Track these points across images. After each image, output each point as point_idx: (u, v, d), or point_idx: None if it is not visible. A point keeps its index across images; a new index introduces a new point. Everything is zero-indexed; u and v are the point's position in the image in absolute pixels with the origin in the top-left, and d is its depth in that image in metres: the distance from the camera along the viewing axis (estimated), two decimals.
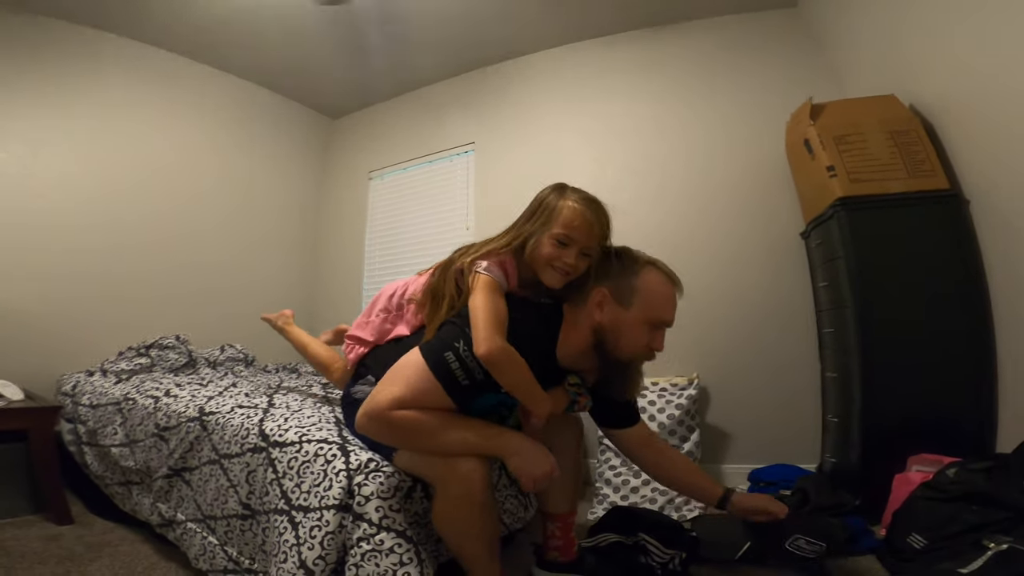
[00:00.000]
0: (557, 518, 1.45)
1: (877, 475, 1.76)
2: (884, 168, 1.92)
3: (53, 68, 2.76)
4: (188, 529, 1.54)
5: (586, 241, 1.23)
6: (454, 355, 1.11)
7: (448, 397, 1.11)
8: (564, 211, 1.24)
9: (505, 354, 1.10)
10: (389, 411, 1.09)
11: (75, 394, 2.24)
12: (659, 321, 1.20)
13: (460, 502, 1.11)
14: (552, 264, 1.23)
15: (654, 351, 1.22)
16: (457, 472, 1.10)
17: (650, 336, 1.20)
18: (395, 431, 1.11)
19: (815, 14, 2.66)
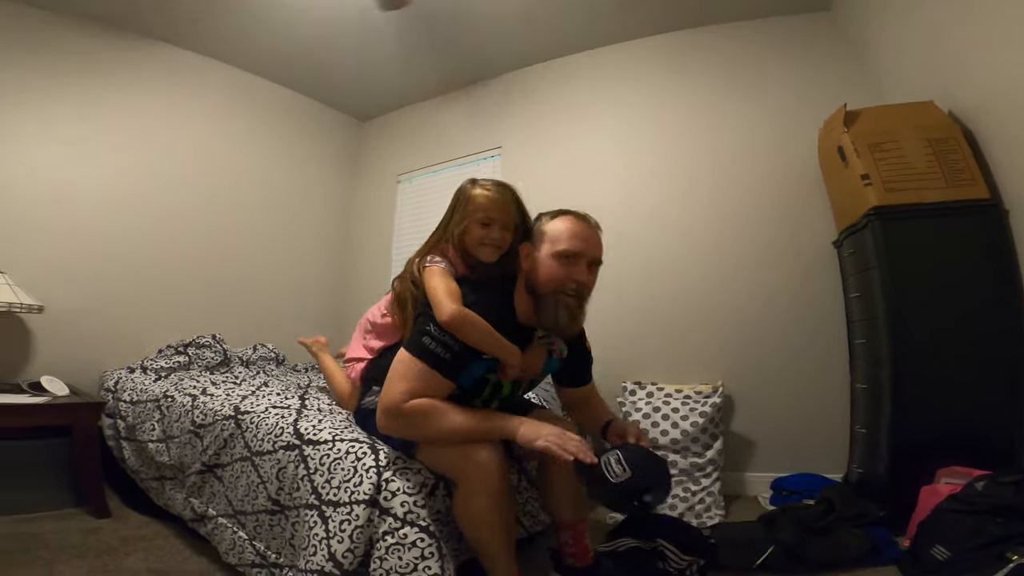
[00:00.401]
0: (567, 526, 1.47)
1: (904, 487, 1.73)
2: (921, 177, 1.88)
3: (96, 74, 2.88)
4: (219, 524, 1.59)
5: (503, 217, 1.44)
6: (429, 337, 1.23)
7: (439, 374, 1.22)
8: (479, 198, 1.45)
9: (462, 316, 1.23)
10: (401, 403, 1.20)
11: (117, 390, 2.33)
12: (563, 251, 1.29)
13: (479, 494, 1.17)
14: (483, 242, 1.43)
15: (578, 283, 1.29)
16: (475, 461, 1.16)
17: (566, 269, 1.29)
18: (411, 420, 1.21)
19: (849, 17, 2.61)
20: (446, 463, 1.23)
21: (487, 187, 1.47)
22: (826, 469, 2.33)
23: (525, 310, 1.34)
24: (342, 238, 4.08)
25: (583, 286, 1.30)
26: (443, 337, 1.23)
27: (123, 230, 2.90)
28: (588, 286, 1.32)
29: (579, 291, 1.30)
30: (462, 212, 1.46)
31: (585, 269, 1.31)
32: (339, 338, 3.45)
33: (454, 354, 1.23)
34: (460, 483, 1.21)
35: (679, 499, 2.22)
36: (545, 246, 1.32)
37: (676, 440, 2.33)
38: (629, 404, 2.52)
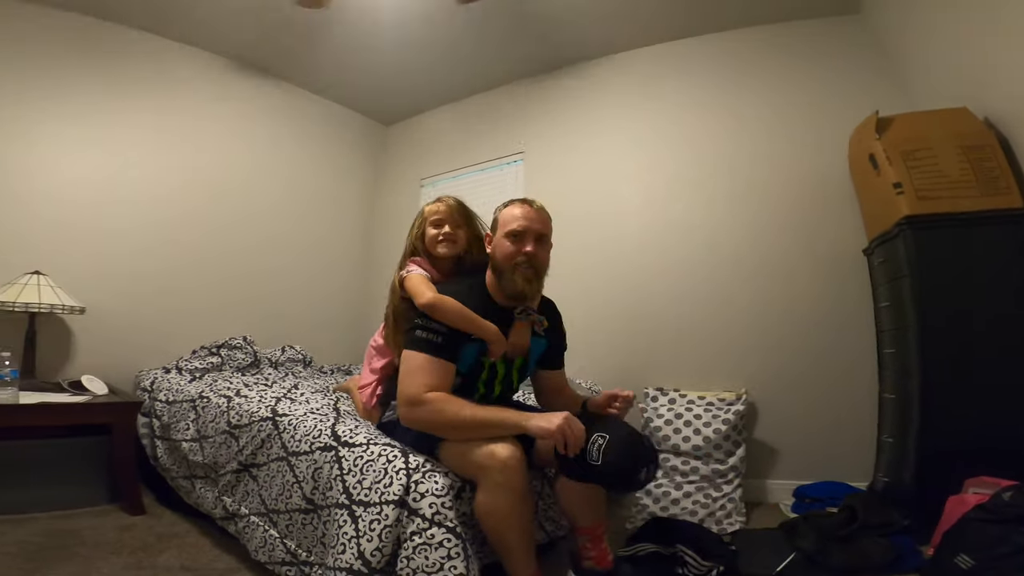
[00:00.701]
0: (585, 531, 1.49)
1: (931, 496, 1.71)
2: (955, 185, 1.84)
3: (138, 80, 2.98)
4: (251, 522, 1.62)
5: (451, 217, 1.68)
6: (419, 329, 1.41)
7: (440, 358, 1.38)
8: (429, 208, 1.72)
9: (438, 299, 1.43)
10: (419, 394, 1.33)
11: (153, 390, 2.39)
12: (511, 231, 1.49)
13: (501, 491, 1.22)
14: (438, 240, 1.66)
15: (526, 254, 1.48)
16: (497, 458, 1.22)
17: (516, 245, 1.48)
18: (430, 410, 1.32)
19: (879, 21, 2.56)
20: (468, 462, 1.28)
21: (435, 199, 1.76)
22: (850, 477, 2.31)
23: (499, 293, 1.52)
24: (366, 241, 4.14)
25: (532, 256, 1.48)
26: (430, 324, 1.40)
27: (156, 233, 2.99)
28: (537, 256, 1.50)
29: (530, 261, 1.48)
30: (418, 223, 1.72)
31: (532, 243, 1.49)
32: (361, 340, 3.53)
33: (444, 336, 1.39)
34: (482, 481, 1.25)
35: (699, 505, 2.21)
36: (499, 230, 1.53)
37: (698, 447, 2.33)
38: (651, 410, 2.52)
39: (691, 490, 2.27)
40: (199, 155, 3.21)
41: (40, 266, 2.44)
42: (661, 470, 2.35)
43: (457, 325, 1.41)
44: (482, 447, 1.25)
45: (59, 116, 2.69)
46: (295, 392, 2.09)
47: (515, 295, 1.49)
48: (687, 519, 2.15)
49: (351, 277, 3.99)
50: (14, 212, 2.53)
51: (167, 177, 3.05)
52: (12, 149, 2.54)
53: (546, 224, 1.56)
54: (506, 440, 1.26)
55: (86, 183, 2.76)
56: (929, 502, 1.70)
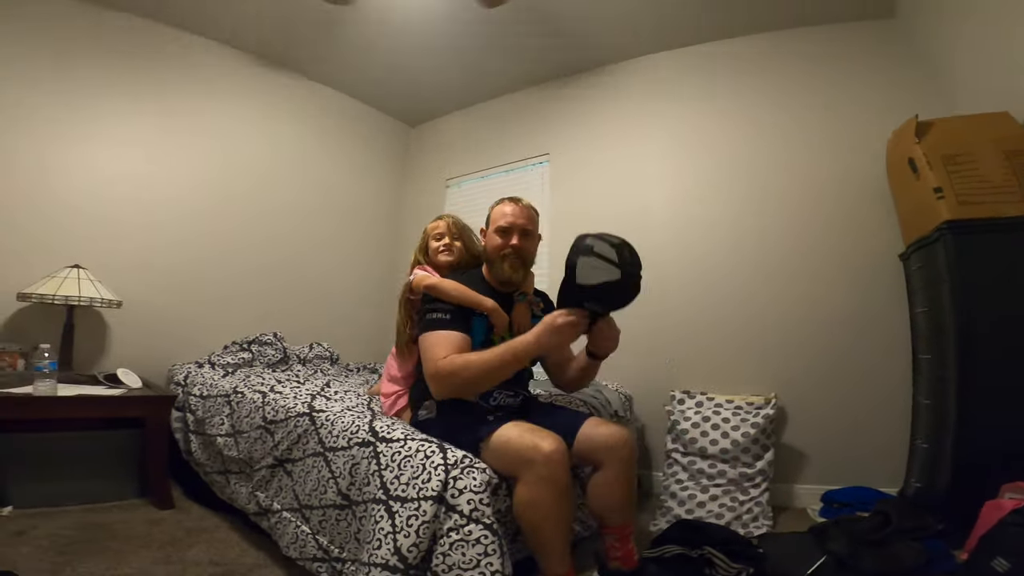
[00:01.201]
0: (613, 530, 1.50)
1: (965, 502, 1.68)
2: (997, 191, 1.81)
3: (175, 79, 3.03)
4: (283, 518, 1.64)
5: (449, 232, 1.92)
6: (429, 312, 1.59)
7: (451, 331, 1.53)
8: (428, 227, 1.98)
9: (439, 280, 1.66)
10: (443, 362, 1.46)
11: (187, 384, 2.43)
12: (499, 227, 1.70)
13: (544, 484, 1.24)
14: (439, 251, 1.90)
15: (512, 247, 1.68)
16: (541, 452, 1.25)
17: (504, 239, 1.69)
18: (453, 372, 1.44)
19: (915, 24, 2.52)
20: (511, 457, 1.30)
21: (438, 217, 2.01)
22: (879, 483, 2.28)
23: (494, 280, 1.72)
24: (392, 242, 4.17)
25: (517, 248, 1.68)
26: (437, 305, 1.58)
27: (190, 231, 3.04)
28: (522, 248, 1.69)
29: (516, 252, 1.68)
30: (423, 239, 1.97)
31: (518, 237, 1.68)
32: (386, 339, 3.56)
33: (451, 311, 1.56)
34: (524, 474, 1.27)
35: (726, 508, 2.20)
36: (491, 226, 1.74)
37: (726, 450, 2.31)
38: (678, 413, 2.51)
39: (718, 493, 2.26)
40: (231, 154, 3.26)
41: (80, 260, 2.49)
42: (687, 472, 2.35)
43: (459, 299, 1.59)
44: (525, 441, 1.28)
45: (97, 115, 2.75)
46: (328, 390, 2.11)
47: (504, 280, 1.70)
48: (713, 521, 2.14)
49: (377, 276, 4.02)
50: (55, 208, 2.58)
51: (199, 175, 3.10)
52: (53, 147, 2.60)
53: (531, 220, 1.75)
54: (549, 435, 1.29)
55: (124, 179, 2.81)
56: (963, 507, 1.67)
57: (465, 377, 1.44)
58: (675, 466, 2.41)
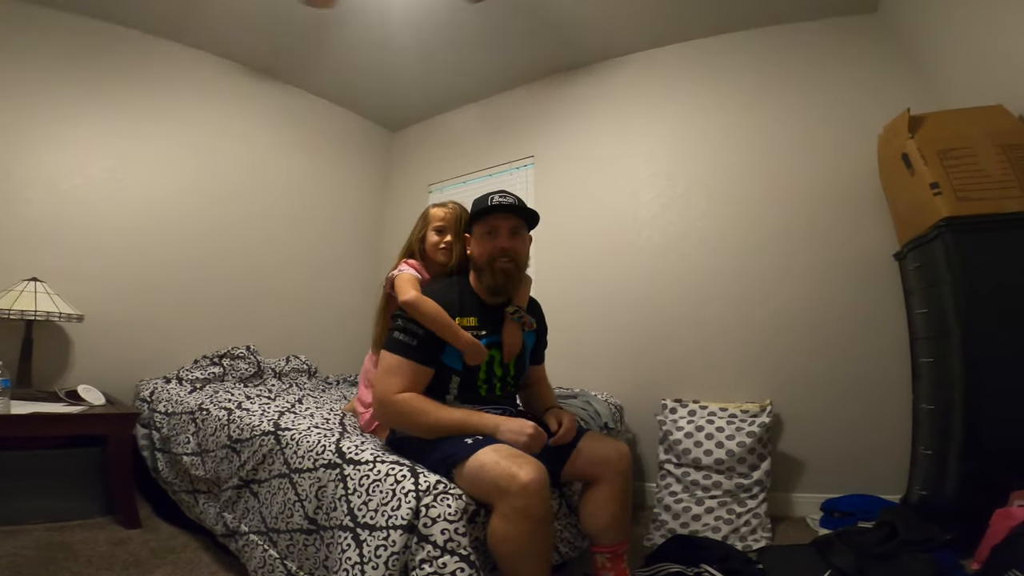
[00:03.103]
0: (606, 549, 1.42)
1: (973, 510, 1.62)
2: (996, 185, 1.74)
3: (138, 84, 2.92)
4: (250, 541, 1.55)
5: (455, 226, 1.72)
6: (398, 331, 1.43)
7: (414, 362, 1.39)
8: (436, 211, 1.78)
9: (419, 299, 1.45)
10: (389, 395, 1.36)
11: (152, 400, 2.33)
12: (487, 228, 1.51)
13: (519, 517, 1.12)
14: (439, 247, 1.72)
15: (503, 248, 1.48)
16: (518, 482, 1.11)
17: (492, 241, 1.49)
18: (400, 411, 1.36)
19: (898, 18, 2.48)
20: (486, 484, 1.17)
21: (443, 203, 1.80)
22: (880, 490, 2.22)
23: (484, 291, 1.53)
24: (372, 248, 4.07)
25: (507, 249, 1.48)
26: (408, 325, 1.42)
27: (160, 240, 2.92)
28: (514, 249, 1.50)
29: (506, 253, 1.48)
30: (421, 224, 1.78)
31: (507, 236, 1.49)
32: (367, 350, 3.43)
33: (419, 339, 1.40)
34: (499, 505, 1.14)
35: (722, 521, 2.12)
36: (476, 229, 1.54)
37: (720, 460, 2.23)
38: (669, 422, 2.42)
39: (713, 505, 2.17)
40: (202, 160, 3.15)
41: (38, 272, 2.39)
42: (681, 484, 2.28)
43: (432, 328, 1.42)
44: (501, 468, 1.14)
45: (58, 120, 2.63)
46: (299, 407, 2.01)
47: (495, 289, 1.51)
48: (709, 536, 2.07)
49: (357, 285, 3.92)
50: (12, 217, 2.46)
51: (169, 182, 2.99)
52: (10, 153, 2.48)
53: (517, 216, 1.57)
54: (529, 461, 1.16)
55: (88, 188, 2.70)
56: (971, 515, 1.62)
57: (413, 423, 1.35)
58: (668, 477, 2.32)
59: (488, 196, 1.54)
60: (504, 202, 1.50)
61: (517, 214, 1.51)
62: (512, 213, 1.50)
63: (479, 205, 1.53)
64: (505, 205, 1.49)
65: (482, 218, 1.51)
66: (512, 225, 1.51)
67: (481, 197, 1.56)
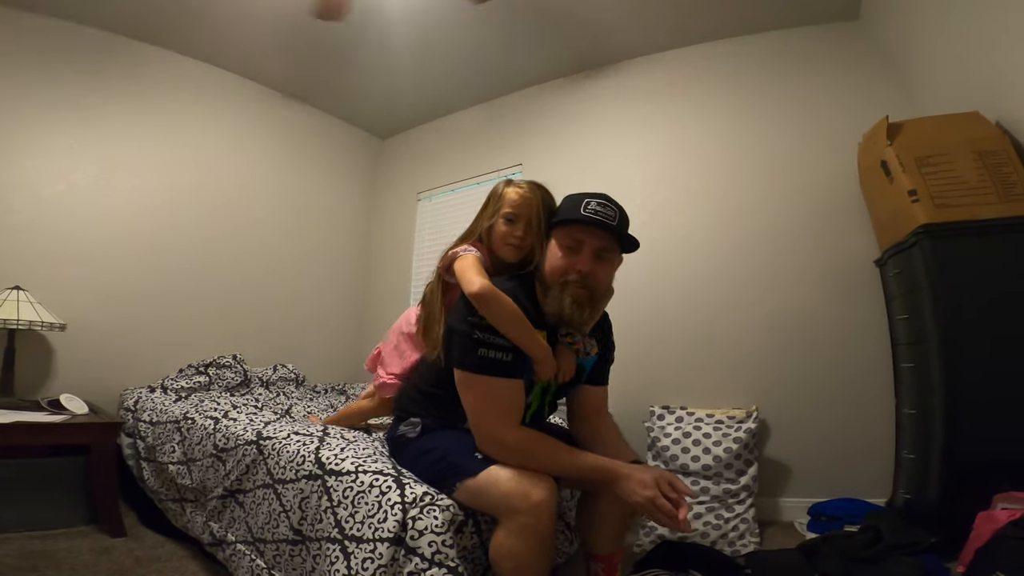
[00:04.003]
0: (601, 559, 1.39)
1: (957, 513, 1.64)
2: (972, 192, 1.77)
3: (123, 92, 2.90)
4: (237, 550, 1.53)
5: (528, 215, 1.38)
6: (484, 347, 1.18)
7: (513, 380, 1.19)
8: (509, 194, 1.42)
9: (493, 292, 1.18)
10: (505, 436, 1.17)
11: (136, 410, 2.30)
12: (567, 243, 1.26)
13: (527, 534, 1.09)
14: (507, 241, 1.39)
15: (579, 270, 1.24)
16: (531, 501, 1.08)
17: (569, 259, 1.25)
18: (516, 453, 1.16)
19: (880, 26, 2.52)
20: (495, 499, 1.13)
21: (519, 185, 1.45)
22: (866, 494, 2.23)
23: (549, 312, 1.29)
24: (362, 256, 4.06)
25: (588, 275, 1.24)
26: (494, 339, 1.18)
27: (146, 248, 2.90)
28: (594, 276, 1.26)
29: (584, 281, 1.25)
30: (492, 208, 1.44)
31: (589, 258, 1.25)
32: (358, 357, 3.42)
33: (513, 352, 1.18)
34: (507, 521, 1.11)
35: (711, 526, 2.13)
36: (554, 235, 1.30)
37: (708, 466, 2.24)
38: (657, 429, 2.43)
39: (701, 511, 2.18)
40: (188, 167, 3.13)
41: (21, 281, 2.37)
42: None
43: (506, 331, 1.18)
44: (515, 484, 1.10)
45: (39, 124, 2.62)
46: (287, 418, 1.99)
47: (558, 318, 1.26)
48: (698, 542, 2.07)
49: (347, 293, 3.91)
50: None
51: (154, 190, 2.97)
52: None
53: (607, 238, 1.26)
54: (543, 480, 1.12)
55: (69, 195, 2.68)
56: (955, 519, 1.63)
57: (536, 465, 1.15)
58: None
59: (583, 199, 1.27)
60: (598, 216, 1.23)
61: (610, 233, 1.25)
62: (604, 230, 1.24)
63: (569, 208, 1.28)
64: (597, 221, 1.23)
65: (566, 226, 1.26)
66: (601, 245, 1.26)
67: (575, 197, 1.29)
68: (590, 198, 1.27)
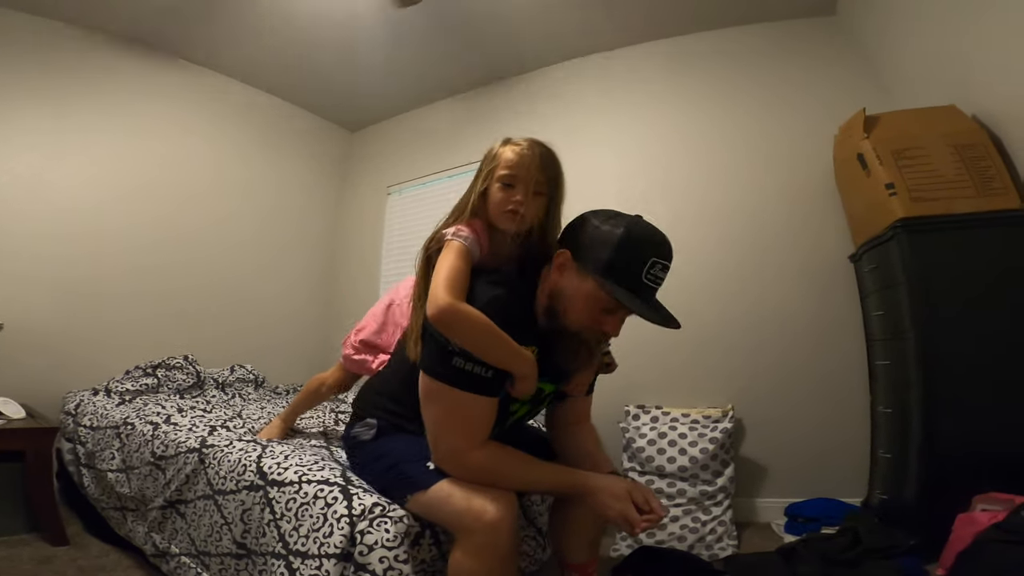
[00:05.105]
0: (576, 568, 1.33)
1: (935, 513, 1.60)
2: (950, 186, 1.75)
3: (71, 80, 2.73)
4: (182, 563, 1.44)
5: (529, 177, 1.17)
6: (460, 357, 1.04)
7: (488, 398, 1.08)
8: (505, 154, 1.21)
9: (454, 311, 1.02)
10: (469, 453, 1.07)
11: (77, 414, 2.17)
12: (605, 305, 1.10)
13: (484, 554, 1.01)
14: (502, 208, 1.18)
15: (608, 334, 1.16)
16: (484, 520, 1.00)
17: (601, 320, 1.12)
18: (478, 474, 1.07)
19: (856, 21, 2.51)
20: (448, 516, 1.05)
21: (517, 142, 1.23)
22: (843, 494, 2.20)
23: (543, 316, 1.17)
24: (329, 252, 3.92)
25: (613, 336, 1.18)
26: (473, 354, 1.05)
27: (91, 245, 2.73)
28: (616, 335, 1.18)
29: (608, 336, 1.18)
30: (486, 171, 1.22)
31: (620, 322, 1.15)
32: (325, 357, 3.28)
33: (495, 368, 1.05)
34: (462, 541, 1.03)
35: (688, 530, 2.08)
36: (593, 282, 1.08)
37: (684, 467, 2.18)
38: (632, 430, 2.36)
39: (679, 514, 2.13)
40: (142, 158, 2.96)
41: None
42: None
43: (480, 353, 1.04)
44: (467, 502, 1.02)
45: None
46: (234, 421, 1.87)
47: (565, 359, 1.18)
48: (675, 546, 2.03)
49: (313, 290, 3.76)
50: None
51: (102, 183, 2.80)
52: None
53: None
54: (501, 496, 1.04)
55: (9, 187, 2.50)
56: (934, 519, 1.60)
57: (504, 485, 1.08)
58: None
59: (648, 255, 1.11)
60: (657, 283, 1.15)
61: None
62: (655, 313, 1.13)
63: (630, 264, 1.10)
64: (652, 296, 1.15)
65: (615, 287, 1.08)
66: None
67: (637, 244, 1.11)
68: (656, 258, 1.11)
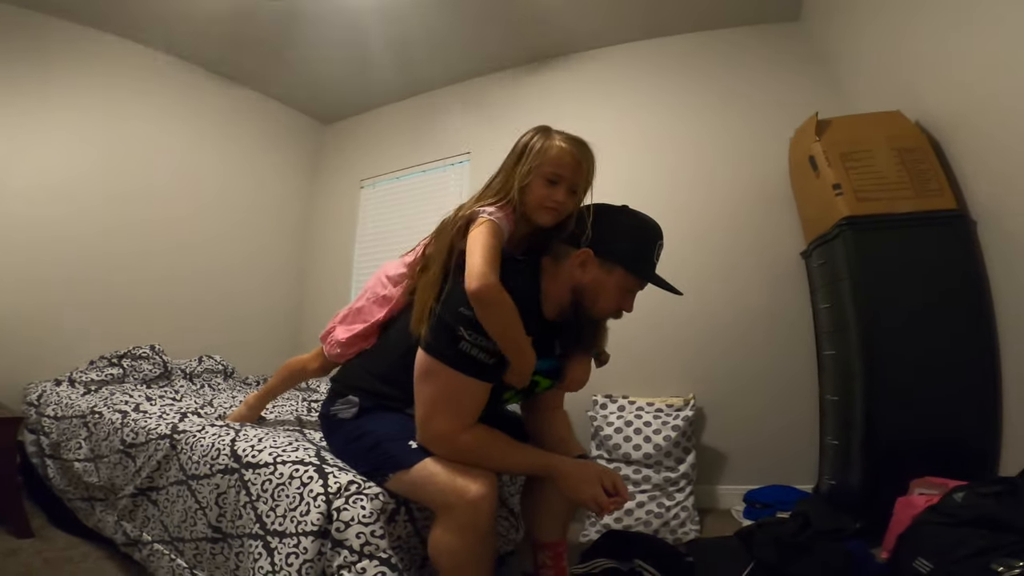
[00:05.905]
0: (548, 547, 1.38)
1: (878, 498, 1.71)
2: (892, 187, 1.87)
3: (38, 65, 2.66)
4: (155, 550, 1.45)
5: (574, 178, 1.24)
6: (467, 343, 1.08)
7: (485, 383, 1.12)
8: (552, 150, 1.24)
9: (497, 292, 1.06)
10: (457, 434, 1.11)
11: (40, 404, 2.13)
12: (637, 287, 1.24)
13: (464, 531, 1.06)
14: (544, 204, 1.22)
15: (623, 311, 1.27)
16: (466, 498, 1.05)
17: (623, 300, 1.24)
18: (465, 455, 1.11)
19: (818, 28, 2.63)
20: (431, 494, 1.09)
21: (564, 140, 1.28)
22: (797, 481, 2.31)
23: (553, 307, 1.22)
24: (300, 245, 3.89)
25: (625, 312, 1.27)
26: (480, 340, 1.07)
27: (55, 233, 2.66)
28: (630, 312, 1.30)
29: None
30: (529, 165, 1.23)
31: (633, 300, 1.26)
32: (296, 349, 3.27)
33: (497, 356, 1.09)
34: (443, 517, 1.08)
35: (653, 515, 2.16)
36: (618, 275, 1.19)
37: (649, 454, 2.27)
38: (601, 419, 2.44)
39: (644, 499, 2.21)
40: (108, 148, 2.89)
41: None
42: None
43: (498, 338, 1.07)
44: (450, 480, 1.06)
45: None
46: (204, 408, 1.87)
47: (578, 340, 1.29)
48: (642, 530, 2.10)
49: (283, 282, 3.73)
50: None
51: (67, 171, 2.73)
52: None
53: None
54: (482, 475, 1.08)
55: None
56: (877, 503, 1.69)
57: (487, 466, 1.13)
58: None
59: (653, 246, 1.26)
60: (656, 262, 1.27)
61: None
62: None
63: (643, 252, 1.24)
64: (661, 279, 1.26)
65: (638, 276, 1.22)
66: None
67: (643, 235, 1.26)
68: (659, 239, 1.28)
